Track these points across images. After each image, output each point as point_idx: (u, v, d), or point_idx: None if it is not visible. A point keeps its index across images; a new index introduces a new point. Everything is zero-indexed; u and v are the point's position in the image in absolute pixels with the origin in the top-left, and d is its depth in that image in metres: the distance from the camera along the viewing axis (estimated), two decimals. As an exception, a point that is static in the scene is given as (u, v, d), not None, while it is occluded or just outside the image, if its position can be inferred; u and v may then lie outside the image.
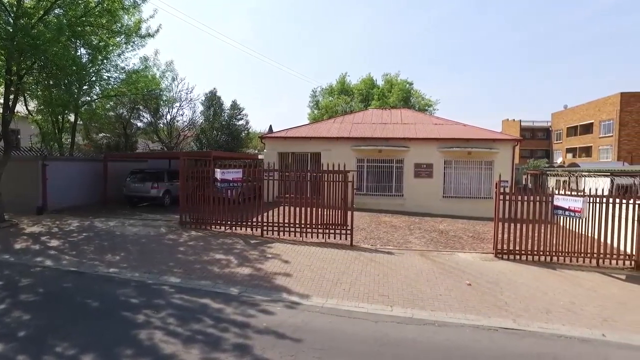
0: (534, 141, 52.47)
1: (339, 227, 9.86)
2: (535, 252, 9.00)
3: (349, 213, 9.71)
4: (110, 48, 12.38)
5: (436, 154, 16.70)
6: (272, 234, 10.21)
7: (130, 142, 21.58)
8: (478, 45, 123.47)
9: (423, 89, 72.57)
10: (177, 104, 24.05)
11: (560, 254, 8.94)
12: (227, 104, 28.62)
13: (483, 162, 16.61)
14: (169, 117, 24.35)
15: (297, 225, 10.04)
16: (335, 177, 10.04)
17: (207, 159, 12.42)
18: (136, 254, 8.49)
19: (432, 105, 38.74)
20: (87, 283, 6.83)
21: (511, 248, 9.11)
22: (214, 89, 28.26)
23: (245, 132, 29.05)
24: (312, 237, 10.01)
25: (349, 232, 9.70)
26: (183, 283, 6.93)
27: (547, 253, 8.97)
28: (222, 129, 26.49)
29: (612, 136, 37.54)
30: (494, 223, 9.52)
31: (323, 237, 9.94)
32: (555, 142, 50.52)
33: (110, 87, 14.20)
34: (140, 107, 21.46)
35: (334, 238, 9.88)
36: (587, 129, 42.29)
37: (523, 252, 9.06)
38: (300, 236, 10.04)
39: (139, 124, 22.85)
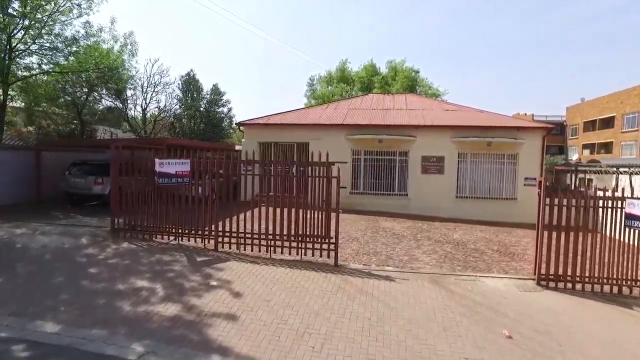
0: (547, 137, 49.23)
1: (320, 240, 7.20)
2: (597, 280, 6.35)
3: (333, 220, 7.04)
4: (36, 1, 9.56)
5: (448, 145, 13.99)
6: (230, 247, 7.57)
7: (89, 129, 18.64)
8: (486, 37, 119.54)
9: (430, 78, 67.99)
10: (151, 89, 21.15)
11: (634, 282, 6.29)
12: (209, 88, 25.57)
13: (505, 156, 13.97)
14: (141, 102, 21.52)
15: (262, 237, 7.40)
16: (315, 172, 7.35)
17: (159, 147, 9.78)
18: (20, 280, 5.91)
19: (440, 95, 35.41)
20: None
21: (560, 272, 6.46)
22: (191, 70, 25.35)
23: (228, 120, 25.90)
24: (282, 253, 7.37)
25: (332, 247, 7.04)
26: (60, 334, 4.43)
27: (615, 281, 6.31)
28: (201, 116, 23.41)
29: (637, 130, 34.41)
30: (536, 235, 6.84)
31: (297, 253, 7.28)
32: (570, 137, 47.30)
33: (46, 56, 11.40)
34: (99, 88, 18.47)
35: (313, 255, 7.23)
36: (607, 123, 39.10)
37: (578, 278, 6.40)
38: (267, 251, 7.39)
39: (100, 109, 19.87)
